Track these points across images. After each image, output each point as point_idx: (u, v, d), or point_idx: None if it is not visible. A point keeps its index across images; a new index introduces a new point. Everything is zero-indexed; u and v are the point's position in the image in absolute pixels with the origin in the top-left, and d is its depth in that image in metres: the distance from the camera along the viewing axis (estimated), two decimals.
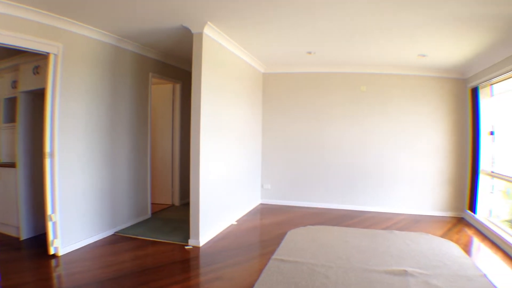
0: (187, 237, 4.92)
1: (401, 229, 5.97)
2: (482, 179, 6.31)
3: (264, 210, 7.13)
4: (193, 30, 4.70)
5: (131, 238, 5.12)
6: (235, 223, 6.02)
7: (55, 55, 4.34)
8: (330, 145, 7.46)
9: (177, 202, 7.29)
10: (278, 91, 7.68)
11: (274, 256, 4.43)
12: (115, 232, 5.33)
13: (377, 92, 7.29)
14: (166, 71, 6.72)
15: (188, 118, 5.20)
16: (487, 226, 5.72)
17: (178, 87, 7.19)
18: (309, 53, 6.17)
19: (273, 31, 4.96)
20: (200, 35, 4.70)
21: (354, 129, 7.38)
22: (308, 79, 7.54)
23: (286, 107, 7.63)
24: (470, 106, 6.68)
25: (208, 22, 4.60)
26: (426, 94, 7.13)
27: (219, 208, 5.48)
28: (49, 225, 4.31)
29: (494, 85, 5.98)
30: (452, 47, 5.35)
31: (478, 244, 5.41)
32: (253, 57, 6.67)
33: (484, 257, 4.91)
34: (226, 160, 5.72)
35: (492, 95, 6.10)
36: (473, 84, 6.49)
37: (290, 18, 4.36)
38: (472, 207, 6.43)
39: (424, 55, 5.92)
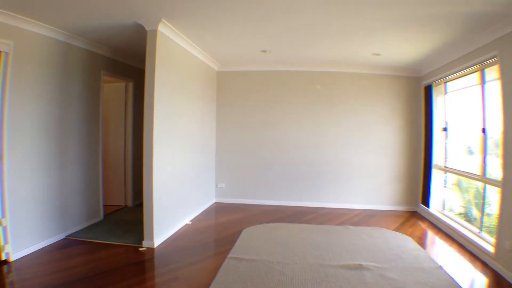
0: (141, 238, 4.86)
1: (356, 224, 6.14)
2: (435, 174, 6.62)
3: (219, 209, 7.10)
4: (147, 28, 4.63)
5: (83, 241, 4.97)
6: (190, 222, 5.97)
7: (6, 53, 4.15)
8: (285, 143, 7.53)
9: (130, 203, 7.11)
10: (233, 90, 7.66)
11: (230, 255, 4.44)
12: (67, 236, 5.15)
13: (332, 91, 7.44)
14: (118, 69, 6.55)
15: (141, 117, 5.11)
16: (441, 219, 6.01)
17: (131, 85, 7.02)
18: (264, 51, 6.16)
19: (228, 29, 4.95)
20: (155, 32, 4.63)
21: (309, 127, 7.48)
22: (263, 78, 7.57)
23: (241, 105, 7.63)
24: (424, 103, 6.97)
25: (163, 20, 4.54)
26: (381, 92, 7.37)
27: (173, 208, 5.42)
28: (0, 230, 4.14)
29: (448, 83, 6.27)
30: (406, 46, 5.52)
31: (432, 237, 5.65)
32: (208, 55, 6.61)
33: (439, 249, 5.13)
34: (179, 160, 5.64)
35: (446, 92, 6.39)
36: (427, 82, 6.78)
37: (245, 16, 4.36)
38: (426, 201, 6.72)
39: (378, 54, 6.08)
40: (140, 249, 4.67)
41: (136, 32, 4.93)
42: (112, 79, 6.65)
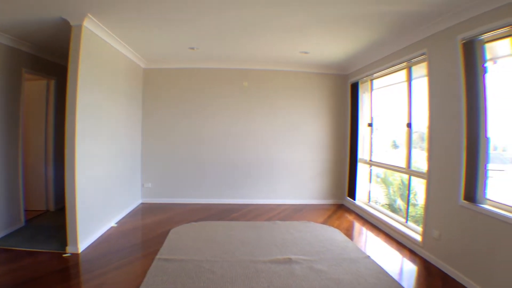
0: (65, 244, 4.54)
1: (284, 219, 6.18)
2: (361, 168, 6.86)
3: (145, 210, 6.82)
4: (72, 23, 4.39)
5: (4, 249, 4.55)
6: (115, 225, 5.69)
7: None
8: (213, 141, 7.40)
9: (52, 207, 6.61)
10: (160, 87, 7.37)
11: (158, 256, 4.29)
12: None
13: (263, 88, 7.42)
14: (41, 66, 6.08)
15: (63, 117, 4.71)
16: (367, 211, 6.24)
17: (53, 83, 6.50)
18: (192, 48, 6.03)
19: (154, 25, 4.84)
20: (79, 27, 4.41)
21: (237, 124, 7.41)
22: (192, 75, 7.36)
23: (168, 103, 7.38)
24: (350, 100, 7.19)
25: (89, 14, 4.34)
26: (310, 89, 7.49)
27: (98, 210, 5.17)
28: None
29: (374, 80, 6.52)
30: (335, 45, 5.63)
31: (359, 228, 5.84)
32: (135, 52, 6.36)
33: (366, 239, 5.31)
34: (103, 160, 5.39)
35: (372, 89, 6.64)
36: (353, 79, 7.01)
37: (172, 12, 4.27)
38: (352, 194, 6.92)
39: (306, 52, 6.15)
40: (64, 255, 4.38)
41: (61, 27, 4.64)
42: (34, 76, 6.17)
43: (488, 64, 3.56)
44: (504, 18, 3.15)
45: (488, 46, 3.54)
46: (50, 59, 6.34)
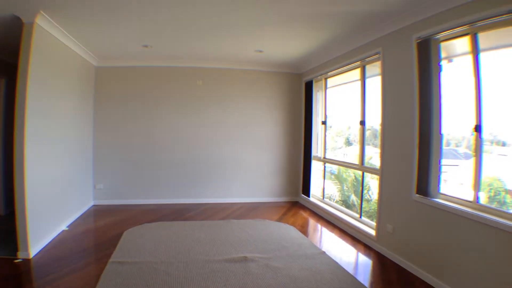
0: (15, 249, 4.32)
1: (238, 217, 6.13)
2: (315, 165, 6.93)
3: (98, 212, 6.53)
4: (25, 20, 4.20)
5: None
6: (67, 228, 5.43)
7: None
8: (166, 141, 7.21)
9: (2, 211, 6.28)
10: (113, 86, 7.04)
11: (111, 259, 4.12)
12: None
13: (216, 87, 7.32)
14: None
15: (12, 118, 4.42)
16: (321, 207, 6.30)
17: (3, 82, 6.19)
18: (145, 46, 5.85)
19: (107, 22, 4.69)
20: (32, 25, 4.22)
21: (192, 123, 7.25)
22: (144, 73, 7.12)
23: (121, 102, 7.07)
24: (305, 98, 7.25)
25: (41, 11, 4.18)
26: (266, 87, 7.49)
27: (49, 214, 4.95)
28: None
29: (328, 79, 6.60)
30: (289, 43, 5.63)
31: (314, 224, 5.90)
32: (87, 49, 6.09)
33: (321, 235, 5.37)
34: (54, 162, 5.15)
35: (326, 88, 6.72)
36: (308, 78, 7.07)
37: (123, 9, 4.16)
38: (307, 191, 6.97)
39: (261, 51, 6.12)
40: (16, 261, 4.17)
41: (13, 25, 4.46)
42: None
43: (443, 63, 3.69)
44: (460, 18, 3.25)
45: (443, 45, 3.67)
46: (1, 57, 6.07)
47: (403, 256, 4.07)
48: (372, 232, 4.73)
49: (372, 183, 5.33)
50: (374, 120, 5.03)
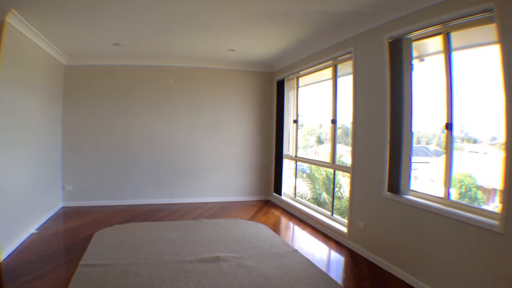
0: None
1: (210, 217, 6.07)
2: (287, 163, 6.95)
3: (67, 213, 6.33)
4: None
5: None
6: (36, 231, 5.27)
7: None
8: (137, 141, 7.05)
9: None
10: (83, 85, 6.83)
11: (82, 262, 4.02)
12: None
13: (187, 86, 7.22)
14: None
15: None
16: (293, 205, 6.33)
17: None
18: (117, 44, 5.71)
19: (77, 20, 4.58)
20: (2, 23, 4.13)
21: (163, 123, 7.13)
22: (116, 72, 6.96)
23: (91, 101, 6.87)
24: (276, 97, 7.26)
25: (12, 10, 4.10)
26: (238, 86, 7.45)
27: (17, 217, 4.79)
28: None
29: (300, 78, 6.64)
30: (261, 43, 5.62)
31: (286, 222, 5.92)
32: (56, 48, 5.90)
33: (293, 234, 5.40)
34: (20, 163, 4.98)
35: (298, 86, 6.75)
36: (279, 77, 7.07)
37: (96, 8, 4.10)
38: (278, 189, 6.99)
39: (233, 50, 6.09)
40: None
41: None
42: None
43: (415, 62, 3.77)
44: (433, 17, 3.31)
45: (415, 44, 3.75)
46: None
47: (374, 252, 4.13)
48: (344, 230, 4.78)
49: (344, 181, 5.39)
50: (346, 118, 5.09)
